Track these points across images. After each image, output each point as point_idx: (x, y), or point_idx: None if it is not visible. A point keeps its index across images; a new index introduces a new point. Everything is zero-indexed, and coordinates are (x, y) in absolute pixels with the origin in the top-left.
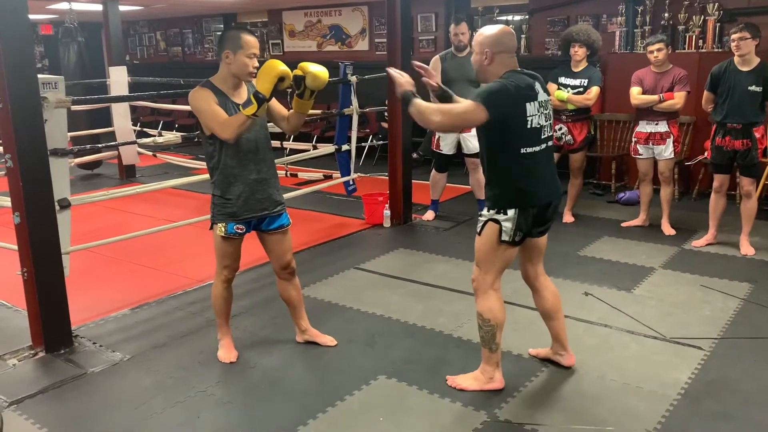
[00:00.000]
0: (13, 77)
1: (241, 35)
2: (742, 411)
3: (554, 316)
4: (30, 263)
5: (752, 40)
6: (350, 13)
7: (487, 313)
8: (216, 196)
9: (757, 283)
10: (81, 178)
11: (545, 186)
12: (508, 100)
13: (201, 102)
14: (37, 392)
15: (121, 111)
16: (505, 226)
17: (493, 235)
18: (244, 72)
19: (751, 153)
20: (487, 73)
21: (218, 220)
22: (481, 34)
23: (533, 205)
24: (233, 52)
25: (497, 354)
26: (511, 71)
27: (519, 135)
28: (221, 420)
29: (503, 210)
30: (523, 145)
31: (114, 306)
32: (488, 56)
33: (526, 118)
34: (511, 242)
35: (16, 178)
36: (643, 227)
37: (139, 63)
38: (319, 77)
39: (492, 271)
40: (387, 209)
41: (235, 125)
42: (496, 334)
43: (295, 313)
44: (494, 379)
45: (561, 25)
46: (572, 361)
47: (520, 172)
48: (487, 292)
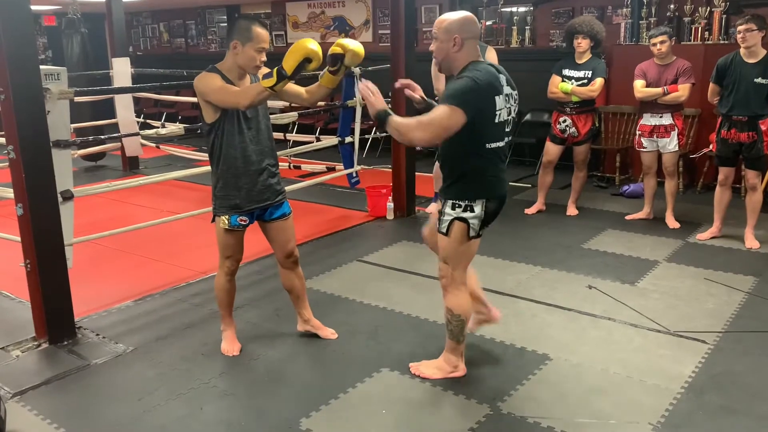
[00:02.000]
0: (16, 68)
1: (252, 27)
2: (745, 405)
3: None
4: (33, 255)
5: (758, 31)
6: (354, 4)
7: (457, 309)
8: (218, 188)
9: (761, 277)
10: (84, 169)
11: (502, 182)
12: (479, 96)
13: (210, 82)
14: (41, 383)
15: (124, 102)
16: (473, 222)
17: (460, 234)
18: (251, 65)
19: (756, 145)
20: (455, 62)
21: (221, 213)
22: (445, 20)
23: (496, 197)
24: (242, 44)
25: (463, 345)
26: (474, 62)
27: (486, 130)
28: (224, 412)
29: (469, 206)
30: (489, 140)
31: (117, 297)
32: (457, 42)
33: (495, 112)
34: (477, 236)
35: (18, 170)
36: (648, 220)
37: (143, 54)
38: (358, 54)
39: (460, 267)
40: (390, 201)
41: (253, 93)
42: (464, 327)
43: (297, 302)
44: (458, 368)
45: (565, 17)
46: (497, 313)
47: (483, 166)
48: (458, 287)
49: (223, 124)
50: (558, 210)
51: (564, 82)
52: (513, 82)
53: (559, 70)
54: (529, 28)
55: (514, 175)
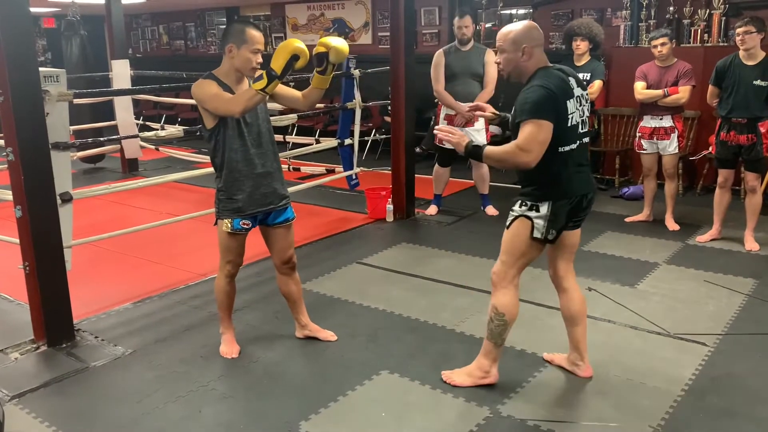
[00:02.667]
0: (15, 70)
1: (246, 29)
2: (746, 407)
3: (579, 321)
4: (32, 257)
5: (757, 34)
6: (353, 6)
7: (502, 308)
8: (221, 191)
9: (761, 279)
10: (83, 171)
11: (579, 180)
12: (554, 103)
13: (206, 89)
14: (39, 386)
15: (123, 104)
16: (537, 222)
17: (524, 231)
18: (247, 67)
19: (755, 148)
20: (525, 70)
21: (224, 216)
22: (511, 32)
23: (568, 198)
24: (237, 47)
25: (500, 350)
26: (542, 69)
27: (559, 134)
28: (223, 414)
29: (535, 206)
30: (562, 143)
31: (116, 300)
32: (526, 52)
33: (567, 116)
34: (542, 239)
35: (17, 172)
36: (647, 222)
37: (142, 56)
38: (341, 51)
39: (515, 266)
40: (390, 204)
41: (244, 99)
42: (506, 329)
43: (295, 308)
44: (490, 374)
45: (565, 19)
46: (589, 372)
47: (556, 169)
48: (507, 287)
49: (223, 129)
50: None
51: None
52: (582, 82)
53: None
54: None
55: (514, 177)
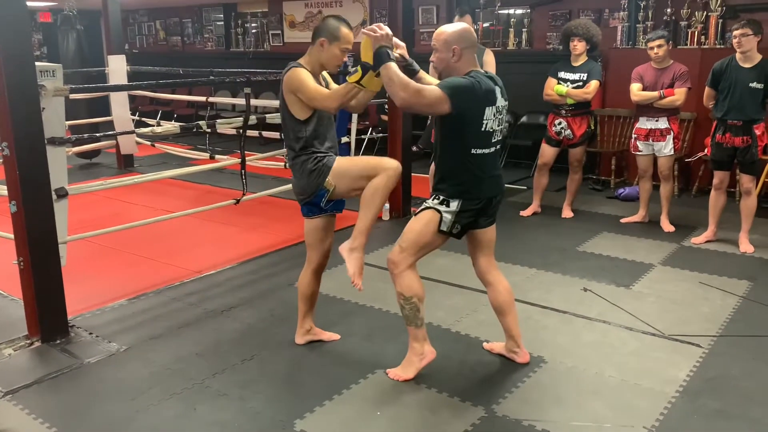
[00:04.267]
0: (11, 65)
1: (341, 27)
2: (740, 408)
3: (507, 311)
4: (26, 252)
5: (754, 36)
6: (351, 4)
7: (408, 291)
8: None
9: (756, 281)
10: (79, 167)
11: (490, 184)
12: (472, 99)
13: (304, 79)
14: (33, 382)
15: (119, 100)
16: (446, 217)
17: (431, 223)
18: (333, 63)
19: (751, 150)
20: (455, 71)
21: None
22: (444, 32)
23: (478, 199)
24: (329, 42)
25: (423, 328)
26: (475, 71)
27: (472, 136)
28: (218, 412)
29: (447, 201)
30: (475, 146)
31: (111, 296)
32: (457, 53)
33: (482, 120)
34: (447, 233)
35: (12, 167)
36: (643, 223)
37: (138, 52)
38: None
39: (416, 254)
40: (386, 202)
41: (341, 94)
42: (419, 308)
43: (309, 311)
44: (425, 353)
45: (563, 20)
46: (526, 358)
47: (468, 170)
48: (405, 270)
49: (320, 116)
50: (553, 212)
51: (559, 84)
52: (506, 92)
53: (554, 72)
54: (526, 30)
55: (510, 177)
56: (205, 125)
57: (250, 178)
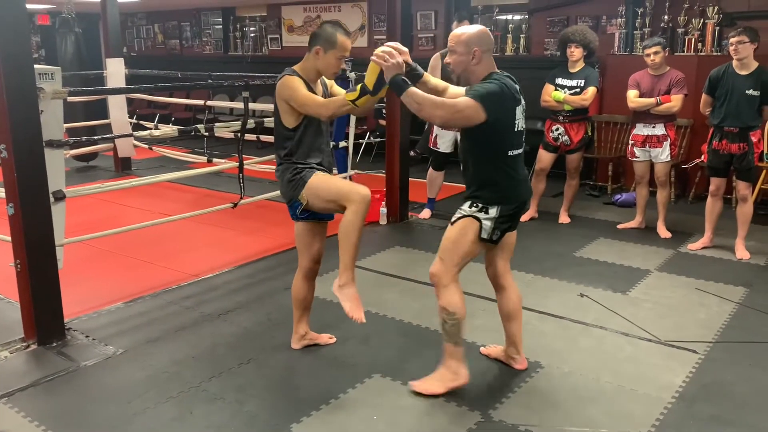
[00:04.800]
0: (9, 67)
1: (338, 35)
2: (736, 414)
3: (515, 317)
4: (24, 255)
5: (750, 44)
6: (349, 9)
7: (452, 307)
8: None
9: (752, 287)
10: (76, 170)
11: (523, 187)
12: (503, 102)
13: (296, 88)
14: (29, 385)
15: (117, 103)
16: (485, 224)
17: (470, 232)
18: (330, 71)
19: (747, 157)
20: (473, 74)
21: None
22: (463, 34)
23: (516, 203)
24: (325, 50)
25: (461, 348)
26: (497, 73)
27: (508, 138)
28: (214, 416)
29: (485, 208)
30: (511, 147)
31: (108, 299)
32: (477, 55)
33: (515, 121)
34: (488, 240)
35: (10, 169)
36: (639, 229)
37: (137, 55)
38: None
39: (457, 264)
40: (383, 207)
41: (336, 106)
42: (461, 326)
43: (303, 316)
44: (459, 375)
45: (560, 26)
46: (524, 365)
47: (505, 173)
48: (450, 285)
49: (306, 126)
50: (550, 218)
51: (557, 90)
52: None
53: (552, 78)
54: (523, 36)
55: None
56: (203, 129)
57: (248, 182)
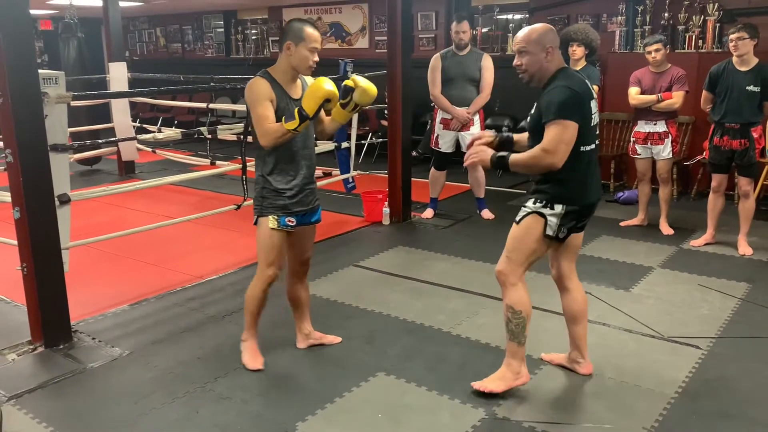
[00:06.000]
0: (14, 72)
1: (304, 28)
2: (739, 410)
3: (580, 320)
4: (30, 258)
5: (750, 40)
6: (350, 10)
7: (518, 305)
8: (267, 189)
9: (754, 283)
10: (80, 173)
11: (594, 185)
12: (579, 103)
13: (256, 96)
14: (36, 387)
15: (120, 107)
16: (551, 220)
17: (536, 228)
18: (304, 65)
19: (748, 153)
20: (546, 72)
21: (269, 212)
22: (533, 32)
23: (580, 204)
24: (295, 44)
25: (524, 347)
26: (563, 69)
27: (583, 134)
28: (220, 416)
29: (551, 204)
30: (583, 143)
31: (113, 301)
32: (550, 52)
33: (591, 116)
34: (554, 237)
35: (16, 173)
36: (642, 226)
37: (139, 59)
38: (367, 93)
39: (524, 263)
40: (386, 207)
41: (275, 136)
42: (526, 326)
43: (300, 316)
44: (521, 374)
45: (561, 25)
46: (590, 369)
47: (577, 169)
48: (516, 283)
49: None
50: None
51: None
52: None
53: None
54: None
55: (509, 181)
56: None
57: (251, 184)
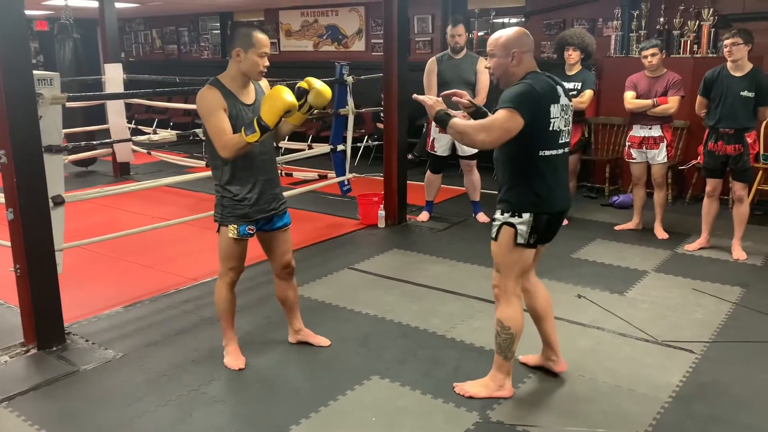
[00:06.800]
0: (9, 73)
1: (253, 33)
2: (732, 414)
3: (545, 318)
4: (23, 260)
5: (745, 45)
6: (347, 13)
7: (508, 321)
8: (226, 198)
9: (748, 288)
10: (75, 175)
11: (560, 192)
12: (534, 101)
13: (208, 108)
14: (29, 389)
15: (116, 108)
16: (520, 229)
17: (509, 239)
18: (255, 71)
19: (743, 158)
20: (513, 76)
21: (228, 222)
22: (501, 37)
23: (547, 212)
24: (244, 51)
25: (511, 362)
26: (533, 72)
27: (540, 137)
28: (214, 419)
29: (518, 213)
30: (543, 147)
31: (107, 303)
32: (516, 57)
33: (549, 120)
34: (526, 245)
35: (10, 174)
36: (637, 231)
37: (135, 60)
38: (322, 95)
39: (512, 275)
40: (382, 210)
41: (235, 148)
42: (514, 342)
43: (290, 313)
44: (504, 387)
45: (557, 29)
46: (563, 367)
47: (537, 175)
48: (510, 299)
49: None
50: None
51: None
52: (569, 94)
53: None
54: None
55: None
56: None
57: None
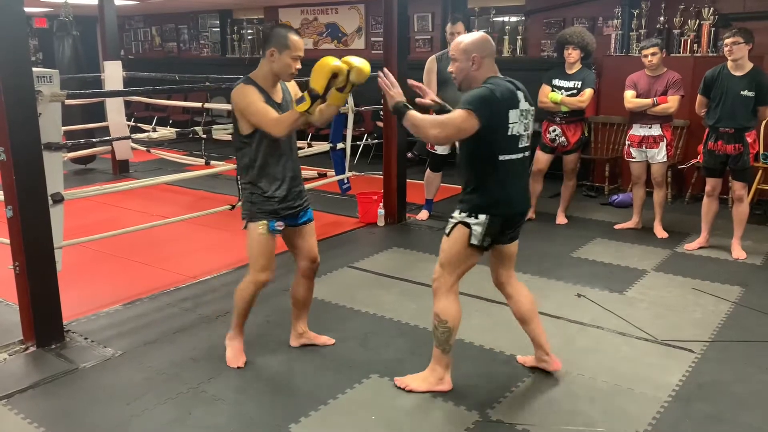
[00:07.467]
0: (8, 70)
1: (289, 35)
2: (732, 413)
3: (530, 320)
4: (22, 257)
5: (745, 45)
6: (347, 11)
7: (444, 314)
8: (256, 194)
9: (748, 287)
10: (74, 172)
11: (517, 195)
12: (493, 105)
13: (249, 98)
14: (28, 387)
15: (115, 106)
16: (475, 230)
17: (462, 238)
18: (286, 72)
19: (742, 157)
20: (474, 80)
21: (258, 218)
22: (462, 42)
23: (503, 215)
24: (279, 51)
25: (449, 356)
26: (494, 77)
27: (499, 142)
28: (213, 417)
29: (474, 215)
30: (502, 152)
31: (106, 301)
32: (476, 61)
33: (508, 125)
34: (479, 246)
35: (9, 172)
36: (636, 230)
37: (134, 58)
38: (363, 71)
39: (455, 273)
40: (381, 208)
41: (289, 122)
42: (451, 335)
43: (299, 315)
44: (443, 380)
45: (557, 27)
46: (558, 366)
47: (495, 179)
48: (448, 294)
49: (261, 134)
50: (547, 218)
51: (554, 92)
52: (530, 98)
53: (549, 79)
54: (520, 37)
55: None
56: (200, 131)
57: None
